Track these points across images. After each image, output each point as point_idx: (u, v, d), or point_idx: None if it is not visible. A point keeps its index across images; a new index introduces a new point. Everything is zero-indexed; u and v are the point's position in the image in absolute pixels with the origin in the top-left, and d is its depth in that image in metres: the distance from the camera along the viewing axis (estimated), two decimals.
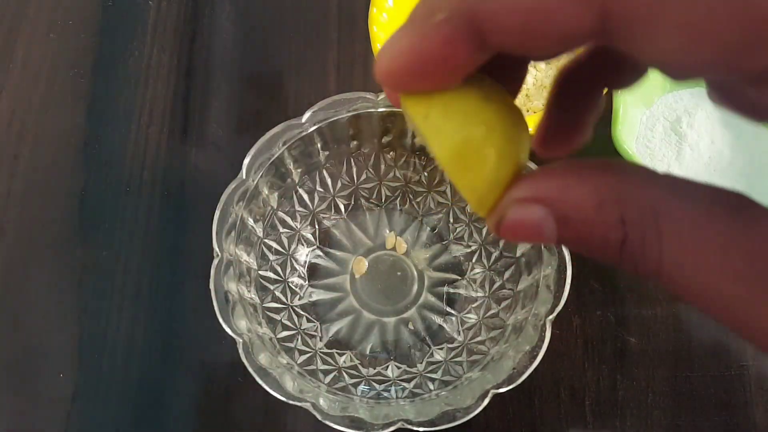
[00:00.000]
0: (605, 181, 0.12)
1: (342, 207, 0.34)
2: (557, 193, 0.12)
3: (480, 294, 0.32)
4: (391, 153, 0.32)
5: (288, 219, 0.33)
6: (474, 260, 0.33)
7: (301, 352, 0.31)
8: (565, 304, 0.27)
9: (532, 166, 0.27)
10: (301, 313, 0.32)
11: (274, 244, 0.32)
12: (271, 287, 0.32)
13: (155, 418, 0.32)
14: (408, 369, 0.31)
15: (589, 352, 0.33)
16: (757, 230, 0.11)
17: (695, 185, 0.12)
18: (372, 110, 0.29)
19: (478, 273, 0.33)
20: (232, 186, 0.28)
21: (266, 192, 0.30)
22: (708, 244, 0.11)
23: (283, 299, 0.32)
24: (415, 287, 0.33)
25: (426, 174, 0.33)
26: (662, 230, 0.11)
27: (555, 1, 0.11)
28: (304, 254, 0.33)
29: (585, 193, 0.12)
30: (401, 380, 0.31)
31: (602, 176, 0.12)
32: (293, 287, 0.33)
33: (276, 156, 0.29)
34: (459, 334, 0.32)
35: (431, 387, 0.30)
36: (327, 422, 0.26)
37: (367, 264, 0.34)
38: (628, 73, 0.14)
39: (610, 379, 0.32)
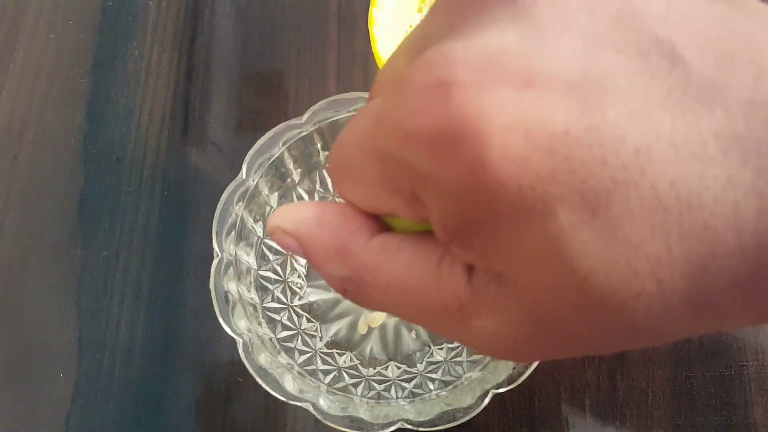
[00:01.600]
0: (337, 238, 0.14)
1: None
2: (303, 236, 0.15)
3: None
4: None
5: None
6: None
7: (301, 352, 0.31)
8: None
9: None
10: (301, 313, 0.32)
11: (274, 244, 0.32)
12: (271, 287, 0.32)
13: (155, 418, 0.32)
14: (408, 369, 0.31)
15: None
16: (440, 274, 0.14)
17: (401, 244, 0.14)
18: None
19: None
20: (232, 186, 0.28)
21: (266, 192, 0.30)
22: (401, 294, 0.14)
23: (283, 299, 0.32)
24: None
25: None
26: (367, 289, 0.14)
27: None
28: None
29: (321, 246, 0.15)
30: (401, 380, 0.31)
31: (337, 231, 0.15)
32: (293, 287, 0.33)
33: (276, 156, 0.29)
34: None
35: (431, 387, 0.30)
36: (327, 422, 0.26)
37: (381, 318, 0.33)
38: None
39: (610, 379, 0.32)
